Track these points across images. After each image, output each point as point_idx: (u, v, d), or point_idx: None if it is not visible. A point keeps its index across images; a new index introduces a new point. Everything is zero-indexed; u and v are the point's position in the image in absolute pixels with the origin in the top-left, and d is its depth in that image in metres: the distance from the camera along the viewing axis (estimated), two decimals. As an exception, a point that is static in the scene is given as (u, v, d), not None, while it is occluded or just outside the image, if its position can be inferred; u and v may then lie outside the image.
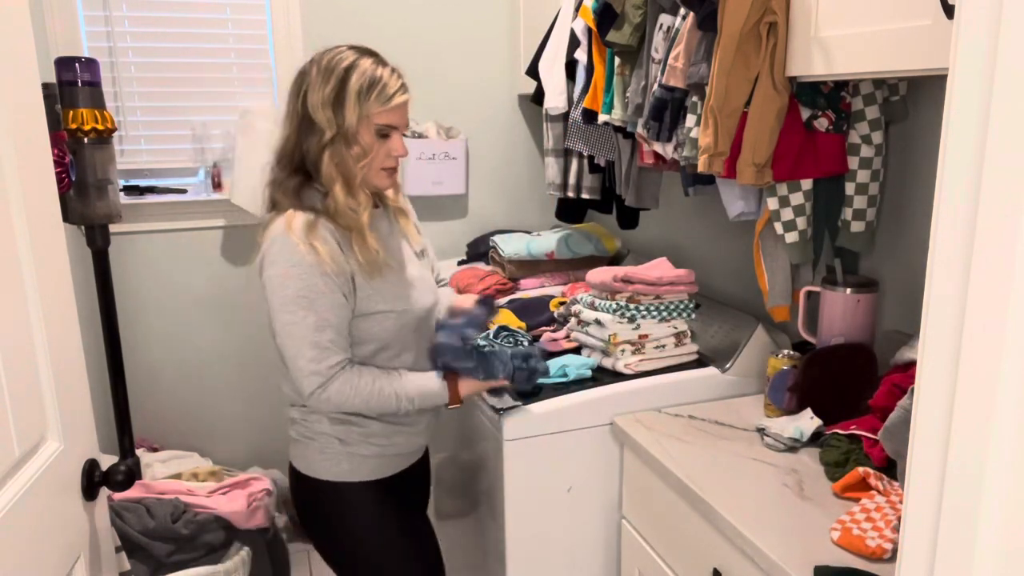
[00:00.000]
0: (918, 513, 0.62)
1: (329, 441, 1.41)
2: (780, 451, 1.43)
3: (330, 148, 1.32)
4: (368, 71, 1.32)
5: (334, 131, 1.31)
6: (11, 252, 0.93)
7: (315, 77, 1.32)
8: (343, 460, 1.41)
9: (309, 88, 1.32)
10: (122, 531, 1.87)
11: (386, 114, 1.34)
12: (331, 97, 1.30)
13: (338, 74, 1.31)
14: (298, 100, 1.34)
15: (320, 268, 1.28)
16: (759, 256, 1.65)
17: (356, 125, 1.31)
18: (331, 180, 1.33)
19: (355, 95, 1.30)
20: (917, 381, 0.62)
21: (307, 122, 1.33)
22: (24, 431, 0.93)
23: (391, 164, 1.39)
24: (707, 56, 1.44)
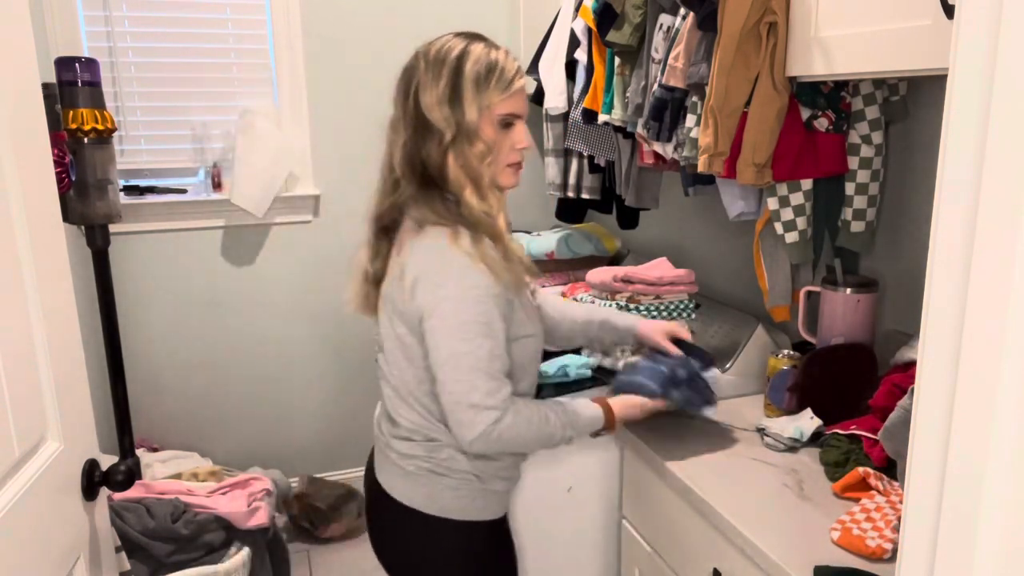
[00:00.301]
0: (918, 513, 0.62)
1: (465, 478, 1.25)
2: (780, 451, 1.43)
3: (453, 149, 1.18)
4: (482, 57, 1.18)
5: (454, 130, 1.17)
6: (11, 252, 0.93)
7: (424, 72, 1.18)
8: (478, 497, 1.27)
9: (420, 86, 1.18)
10: (122, 531, 1.87)
11: (507, 102, 1.19)
12: (447, 92, 1.16)
13: (450, 64, 1.17)
14: (409, 101, 1.20)
15: (492, 291, 1.15)
16: (759, 256, 1.65)
17: (477, 119, 1.17)
18: (460, 185, 1.18)
19: (472, 85, 1.16)
20: (917, 381, 0.62)
21: (423, 124, 1.19)
22: (24, 431, 0.93)
23: (516, 159, 1.24)
24: (707, 56, 1.44)
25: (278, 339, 2.73)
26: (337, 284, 2.76)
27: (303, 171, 2.65)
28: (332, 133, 2.65)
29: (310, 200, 2.67)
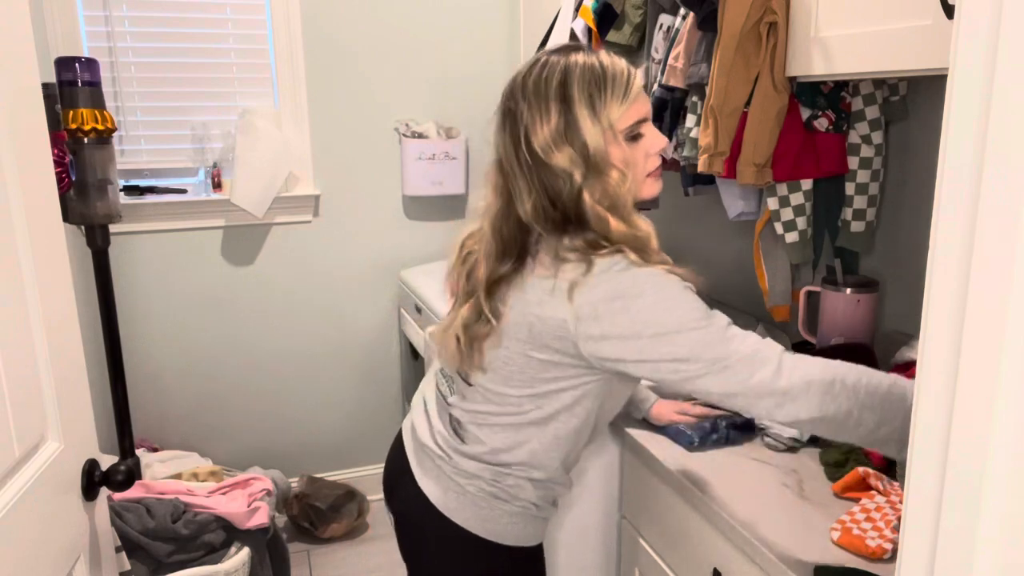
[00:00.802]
0: (918, 513, 0.62)
1: (525, 506, 1.24)
2: (780, 451, 1.43)
3: (586, 187, 1.04)
4: (587, 68, 1.04)
5: (582, 168, 1.03)
6: (11, 252, 0.93)
7: (528, 112, 1.06)
8: (530, 524, 1.26)
9: (529, 129, 1.05)
10: (122, 531, 1.87)
11: (629, 112, 1.06)
12: (561, 127, 1.03)
13: (555, 92, 1.04)
14: (521, 148, 1.06)
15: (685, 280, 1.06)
16: (759, 256, 1.65)
17: (604, 145, 1.04)
18: (603, 222, 1.05)
19: (587, 109, 1.03)
20: (917, 381, 0.62)
21: (545, 170, 1.05)
22: (24, 431, 0.93)
23: (654, 164, 1.11)
24: (707, 56, 1.44)
25: (278, 339, 2.74)
26: (337, 284, 2.78)
27: (303, 171, 2.65)
28: (332, 133, 2.65)
29: (310, 200, 2.67)
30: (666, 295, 1.03)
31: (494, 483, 1.21)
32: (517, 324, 1.11)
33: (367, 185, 2.75)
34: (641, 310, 1.02)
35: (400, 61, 2.67)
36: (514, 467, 1.21)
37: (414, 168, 2.67)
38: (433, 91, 2.72)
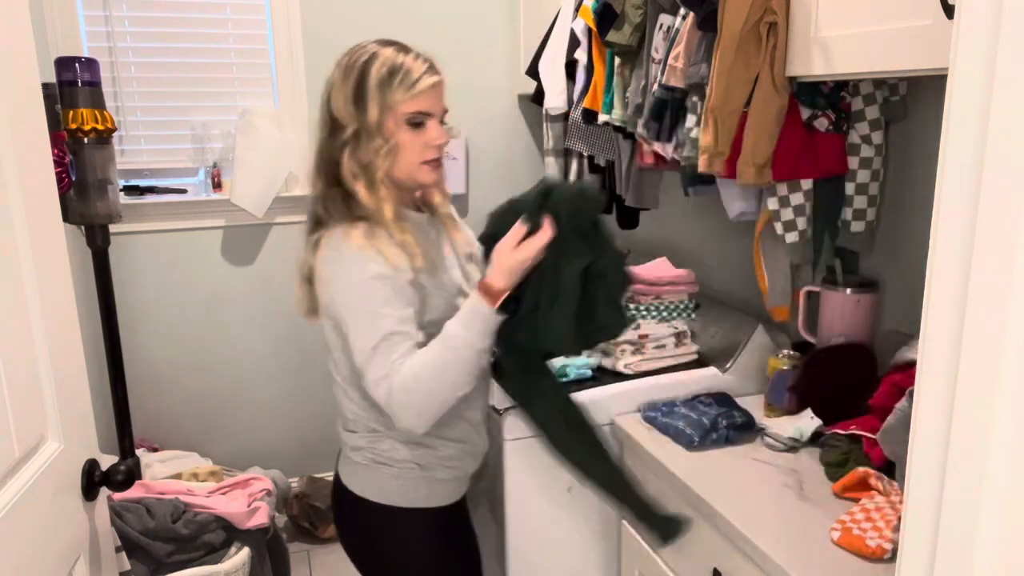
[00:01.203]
0: (918, 513, 0.62)
1: (406, 467, 1.31)
2: (780, 451, 1.43)
3: (351, 144, 1.24)
4: (388, 59, 1.23)
5: (355, 127, 1.23)
6: (11, 252, 0.93)
7: (336, 77, 1.26)
8: (422, 485, 1.32)
9: (332, 90, 1.26)
10: (122, 531, 1.87)
11: (414, 101, 1.23)
12: (352, 93, 1.23)
13: (357, 69, 1.23)
14: (325, 105, 1.28)
15: (387, 273, 1.20)
16: (759, 256, 1.65)
17: (379, 117, 1.22)
18: (353, 179, 1.24)
19: (376, 85, 1.22)
20: (917, 381, 0.62)
21: (333, 124, 1.26)
22: (24, 431, 0.93)
23: (432, 155, 1.27)
24: (707, 56, 1.44)
25: (278, 339, 2.73)
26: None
27: (303, 171, 2.65)
28: (332, 133, 2.64)
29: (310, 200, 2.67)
30: (354, 283, 1.20)
31: (372, 449, 1.32)
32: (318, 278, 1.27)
33: (367, 185, 2.74)
34: (339, 292, 1.21)
35: (400, 61, 2.67)
36: (380, 430, 1.30)
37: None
38: (433, 91, 2.72)
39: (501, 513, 1.59)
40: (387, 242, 1.21)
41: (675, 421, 1.49)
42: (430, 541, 1.36)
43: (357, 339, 1.20)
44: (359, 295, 1.20)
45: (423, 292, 1.24)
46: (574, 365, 1.66)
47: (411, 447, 1.31)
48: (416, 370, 1.17)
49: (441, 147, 1.27)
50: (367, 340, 1.19)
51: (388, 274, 1.19)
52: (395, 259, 1.20)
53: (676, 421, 1.48)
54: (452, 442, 1.34)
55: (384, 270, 1.19)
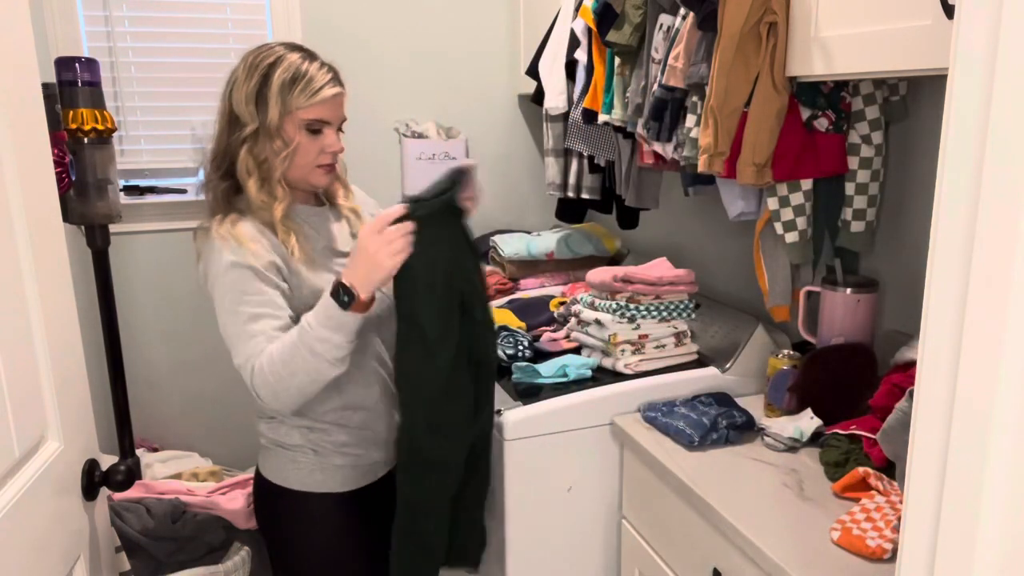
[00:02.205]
0: (918, 513, 0.62)
1: (302, 451, 1.39)
2: (780, 451, 1.43)
3: (249, 142, 1.29)
4: (293, 65, 1.29)
5: (255, 125, 1.28)
6: (11, 252, 0.93)
7: (240, 73, 1.31)
8: (316, 470, 1.39)
9: (234, 85, 1.31)
10: (122, 531, 1.87)
11: (314, 109, 1.30)
12: (254, 92, 1.28)
13: (262, 69, 1.29)
14: (225, 99, 1.33)
15: (244, 262, 1.25)
16: (759, 256, 1.65)
17: (279, 120, 1.28)
18: (245, 175, 1.30)
19: (277, 89, 1.27)
20: (917, 381, 0.62)
21: (232, 119, 1.31)
22: (24, 431, 0.93)
23: (326, 160, 1.35)
24: (707, 56, 1.44)
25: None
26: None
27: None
28: (332, 133, 2.64)
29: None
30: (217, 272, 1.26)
31: (273, 432, 1.40)
32: None
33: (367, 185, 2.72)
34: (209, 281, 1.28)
35: (400, 61, 2.67)
36: (277, 415, 1.38)
37: (414, 168, 2.66)
38: (433, 91, 2.72)
39: (501, 513, 1.59)
40: (252, 235, 1.27)
41: (675, 421, 1.49)
42: (324, 526, 1.41)
43: (222, 327, 1.28)
44: (219, 283, 1.26)
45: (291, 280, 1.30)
46: (574, 366, 1.66)
47: (303, 432, 1.37)
48: (272, 354, 1.22)
49: (335, 153, 1.35)
50: (229, 327, 1.26)
51: (244, 263, 1.25)
52: (253, 248, 1.26)
53: (676, 421, 1.49)
54: (349, 428, 1.39)
55: (240, 259, 1.25)
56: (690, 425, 1.46)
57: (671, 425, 1.48)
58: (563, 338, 1.86)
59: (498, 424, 1.56)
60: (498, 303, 2.18)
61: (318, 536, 1.42)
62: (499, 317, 1.95)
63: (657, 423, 1.52)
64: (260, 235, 1.28)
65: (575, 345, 1.82)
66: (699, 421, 1.46)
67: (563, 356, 1.73)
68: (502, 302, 2.19)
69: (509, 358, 1.73)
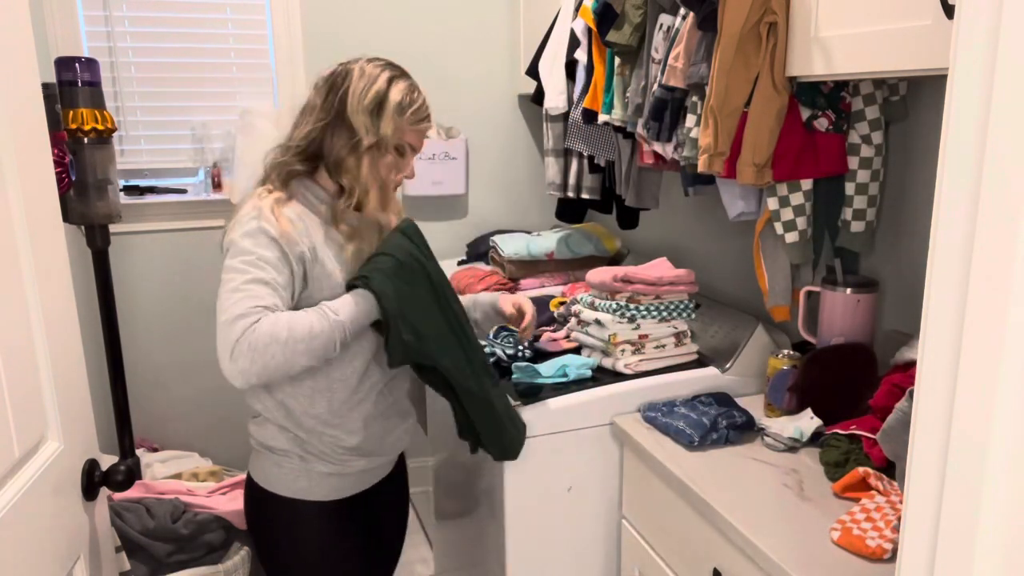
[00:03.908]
0: (918, 513, 0.62)
1: (286, 455, 1.37)
2: (780, 451, 1.43)
3: (368, 154, 1.34)
4: (407, 89, 1.37)
5: (373, 139, 1.33)
6: (11, 252, 0.93)
7: (357, 79, 1.34)
8: (300, 477, 1.38)
9: (351, 88, 1.34)
10: (122, 531, 1.87)
11: (414, 134, 1.39)
12: (373, 104, 1.33)
13: (381, 84, 1.34)
14: (334, 96, 1.35)
15: (270, 234, 1.27)
16: (759, 256, 1.65)
17: (391, 136, 1.34)
18: (368, 184, 1.36)
19: (395, 108, 1.34)
20: (917, 381, 0.62)
21: (340, 120, 1.34)
22: (24, 431, 0.93)
23: (399, 181, 1.43)
24: (707, 56, 1.44)
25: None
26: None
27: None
28: (332, 133, 2.64)
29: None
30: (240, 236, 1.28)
31: (260, 433, 1.40)
32: None
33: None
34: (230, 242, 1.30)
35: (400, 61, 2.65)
36: (263, 417, 1.39)
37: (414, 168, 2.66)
38: (433, 91, 2.70)
39: (501, 513, 1.59)
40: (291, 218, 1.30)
41: (675, 421, 1.49)
42: (310, 534, 1.41)
43: (224, 282, 1.26)
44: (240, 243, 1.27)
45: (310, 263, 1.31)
46: (574, 366, 1.66)
47: (287, 435, 1.37)
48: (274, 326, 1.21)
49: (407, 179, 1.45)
50: (233, 282, 1.25)
51: (272, 235, 1.27)
52: (287, 228, 1.28)
53: (676, 421, 1.49)
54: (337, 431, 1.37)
55: (271, 230, 1.27)
56: (690, 425, 1.46)
57: (671, 425, 1.48)
58: (563, 338, 1.86)
59: (498, 424, 1.56)
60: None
61: (304, 543, 1.41)
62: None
63: (657, 423, 1.52)
64: (299, 220, 1.31)
65: (575, 345, 1.82)
66: (699, 421, 1.46)
67: (563, 356, 1.73)
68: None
69: (509, 358, 1.73)
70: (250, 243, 1.27)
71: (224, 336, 1.21)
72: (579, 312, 1.79)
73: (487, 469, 1.68)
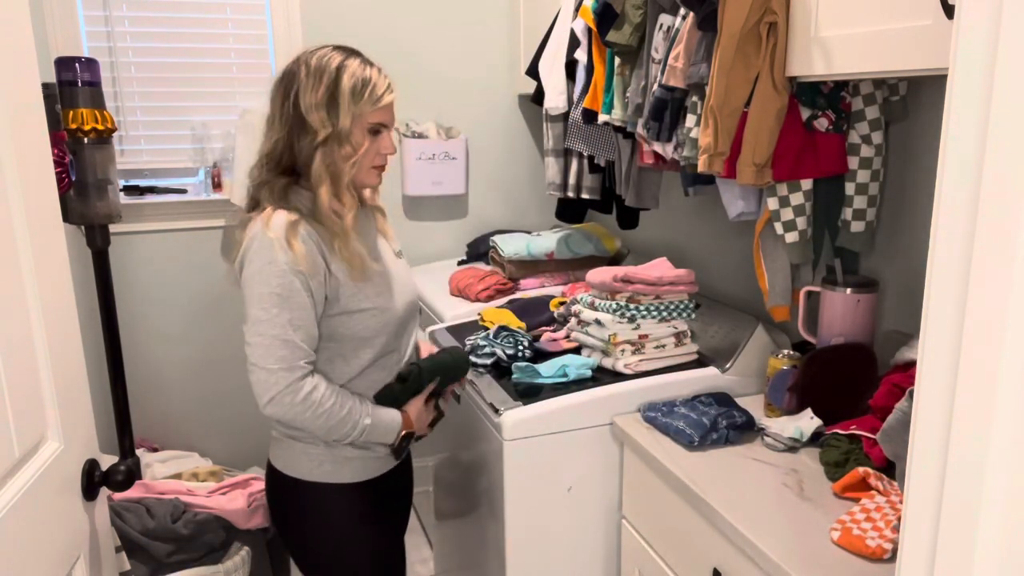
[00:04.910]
0: (918, 513, 0.62)
1: (314, 443, 1.40)
2: (780, 451, 1.43)
3: (323, 148, 1.33)
4: (358, 71, 1.33)
5: (328, 131, 1.31)
6: (11, 252, 0.93)
7: (305, 78, 1.32)
8: (326, 462, 1.41)
9: (300, 89, 1.32)
10: (122, 531, 1.87)
11: (378, 113, 1.35)
12: (325, 98, 1.31)
13: (329, 75, 1.32)
14: (288, 101, 1.33)
15: (295, 267, 1.28)
16: (759, 256, 1.65)
17: (350, 126, 1.32)
18: (319, 181, 1.33)
19: (348, 96, 1.31)
20: (917, 381, 0.62)
21: (299, 123, 1.33)
22: (24, 431, 0.93)
23: (381, 162, 1.41)
24: (707, 56, 1.44)
25: (278, 339, 2.73)
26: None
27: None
28: (332, 133, 2.64)
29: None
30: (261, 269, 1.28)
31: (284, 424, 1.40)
32: None
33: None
34: (249, 276, 1.29)
35: (400, 61, 2.65)
36: None
37: (414, 168, 2.67)
38: (433, 91, 2.72)
39: (501, 513, 1.59)
40: (303, 237, 1.30)
41: (675, 421, 1.49)
42: (336, 516, 1.44)
43: (255, 323, 1.28)
44: (265, 282, 1.27)
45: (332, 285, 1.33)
46: (574, 366, 1.66)
47: None
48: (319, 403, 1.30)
49: (389, 155, 1.41)
50: (265, 327, 1.27)
51: (297, 269, 1.28)
52: (305, 254, 1.28)
53: (676, 421, 1.49)
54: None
55: (293, 264, 1.28)
56: (690, 425, 1.46)
57: (671, 425, 1.48)
58: (563, 338, 1.86)
59: (498, 424, 1.56)
60: (498, 303, 2.18)
61: (332, 525, 1.44)
62: (499, 317, 1.95)
63: (657, 423, 1.52)
64: (309, 238, 1.31)
65: (575, 345, 1.82)
66: (699, 421, 1.46)
67: (563, 356, 1.73)
68: (502, 302, 2.19)
69: (509, 358, 1.73)
70: (275, 281, 1.27)
71: (263, 381, 1.28)
72: (579, 312, 1.79)
73: (487, 469, 1.68)
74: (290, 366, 1.27)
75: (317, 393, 1.29)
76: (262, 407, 1.29)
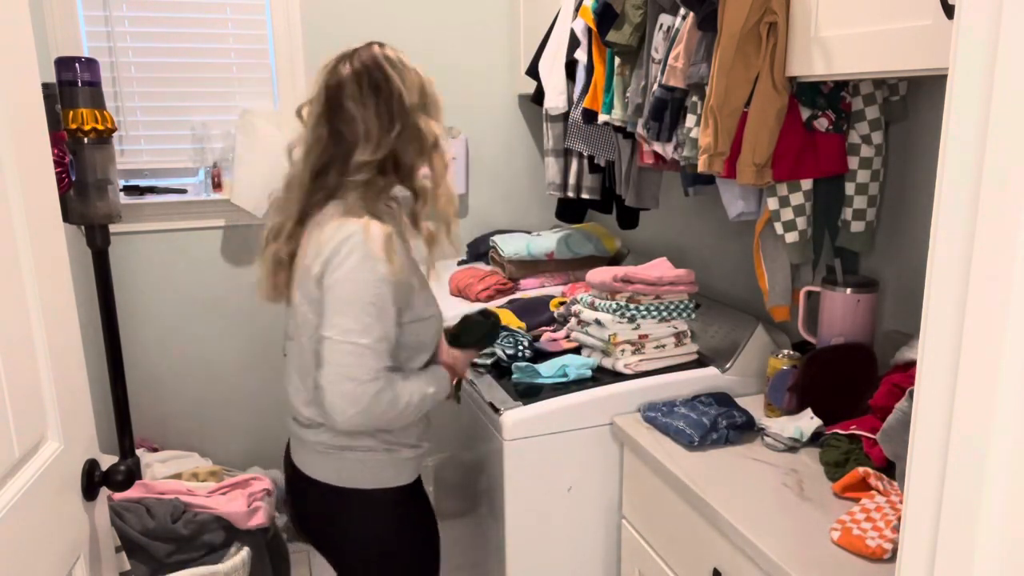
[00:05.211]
0: (918, 513, 0.62)
1: (373, 452, 1.37)
2: (780, 451, 1.43)
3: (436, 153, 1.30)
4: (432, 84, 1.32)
5: (434, 139, 1.28)
6: (11, 252, 0.93)
7: (399, 81, 1.27)
8: (387, 466, 1.38)
9: (403, 91, 1.27)
10: (122, 531, 1.87)
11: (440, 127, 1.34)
12: (420, 100, 1.28)
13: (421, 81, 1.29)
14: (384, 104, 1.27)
15: (390, 279, 1.25)
16: (759, 256, 1.65)
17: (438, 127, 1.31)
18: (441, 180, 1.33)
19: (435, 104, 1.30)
20: (917, 381, 0.62)
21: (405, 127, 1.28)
22: (24, 431, 0.93)
23: None
24: (707, 56, 1.44)
25: (278, 339, 2.73)
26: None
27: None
28: (332, 133, 2.64)
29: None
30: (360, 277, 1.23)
31: (340, 437, 1.35)
32: None
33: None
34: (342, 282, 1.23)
35: (400, 61, 2.67)
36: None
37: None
38: (433, 91, 2.72)
39: (501, 513, 1.59)
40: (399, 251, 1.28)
41: (675, 421, 1.49)
42: (394, 519, 1.42)
43: (344, 332, 1.22)
44: (362, 291, 1.23)
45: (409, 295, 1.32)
46: (574, 366, 1.66)
47: (380, 432, 1.37)
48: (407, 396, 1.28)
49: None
50: (357, 336, 1.22)
51: (392, 280, 1.25)
52: (399, 266, 1.26)
53: (676, 421, 1.49)
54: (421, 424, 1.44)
55: (390, 276, 1.25)
56: (690, 425, 1.46)
57: (671, 425, 1.48)
58: (563, 338, 1.86)
59: (498, 424, 1.56)
60: (498, 303, 2.18)
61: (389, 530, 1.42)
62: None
63: (657, 423, 1.52)
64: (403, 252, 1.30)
65: (575, 345, 1.82)
66: (699, 421, 1.46)
67: (563, 356, 1.73)
68: (502, 302, 2.19)
69: (509, 358, 1.73)
70: (372, 291, 1.24)
71: (352, 393, 1.23)
72: (579, 312, 1.79)
73: (487, 469, 1.68)
74: (376, 376, 1.24)
75: (391, 392, 1.26)
76: (347, 418, 1.24)
